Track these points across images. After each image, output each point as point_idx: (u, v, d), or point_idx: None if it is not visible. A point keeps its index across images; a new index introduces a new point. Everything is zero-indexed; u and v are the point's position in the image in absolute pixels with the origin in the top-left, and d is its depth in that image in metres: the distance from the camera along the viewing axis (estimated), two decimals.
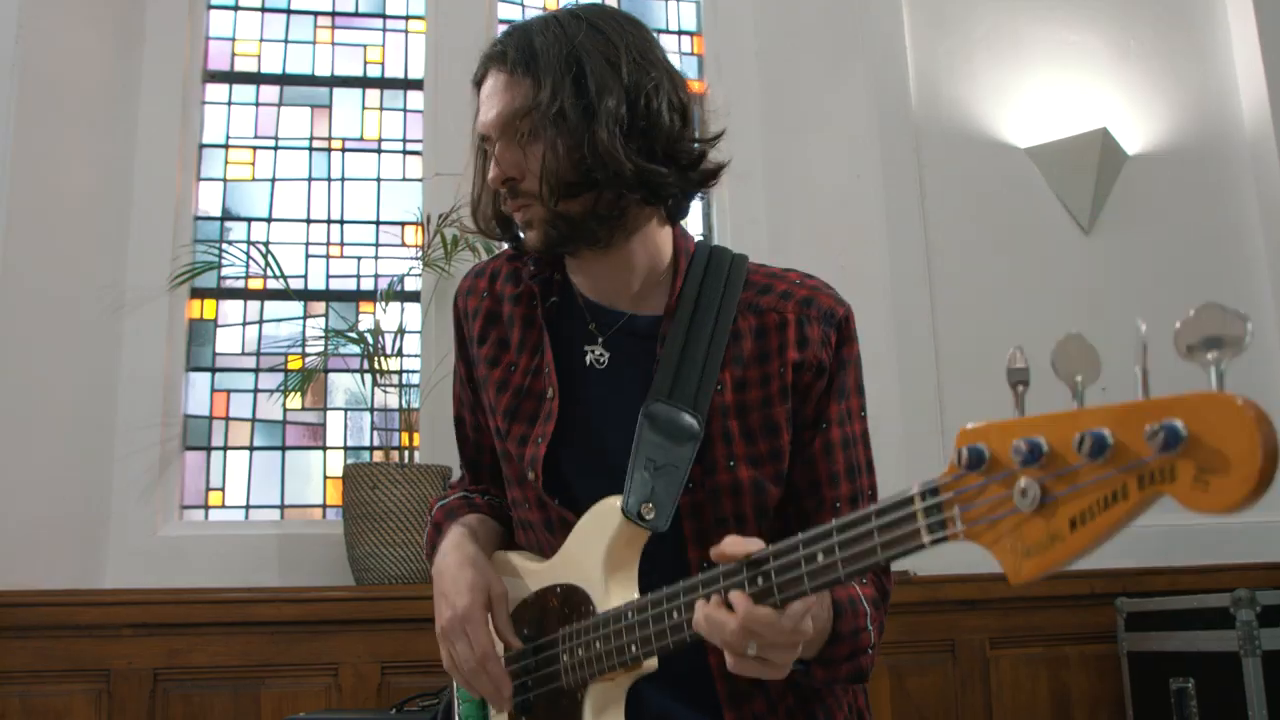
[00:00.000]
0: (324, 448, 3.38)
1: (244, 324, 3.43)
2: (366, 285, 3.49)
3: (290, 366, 3.34)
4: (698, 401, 1.27)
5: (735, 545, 1.04)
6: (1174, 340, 0.66)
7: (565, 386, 1.36)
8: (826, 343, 1.33)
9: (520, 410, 1.37)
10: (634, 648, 1.14)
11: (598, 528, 1.25)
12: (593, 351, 1.36)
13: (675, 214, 1.39)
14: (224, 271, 3.39)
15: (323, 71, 3.65)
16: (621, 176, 1.25)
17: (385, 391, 3.32)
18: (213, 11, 3.61)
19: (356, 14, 3.73)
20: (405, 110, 3.66)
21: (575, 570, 1.27)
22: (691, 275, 1.36)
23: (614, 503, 1.23)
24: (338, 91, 3.64)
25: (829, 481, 1.31)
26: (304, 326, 3.43)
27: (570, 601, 1.26)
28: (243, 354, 3.40)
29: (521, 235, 1.35)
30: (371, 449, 3.37)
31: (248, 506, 3.31)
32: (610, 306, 1.38)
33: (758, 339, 1.32)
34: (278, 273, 3.24)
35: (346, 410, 3.42)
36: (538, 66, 1.26)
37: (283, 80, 3.62)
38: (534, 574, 1.34)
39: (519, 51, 1.27)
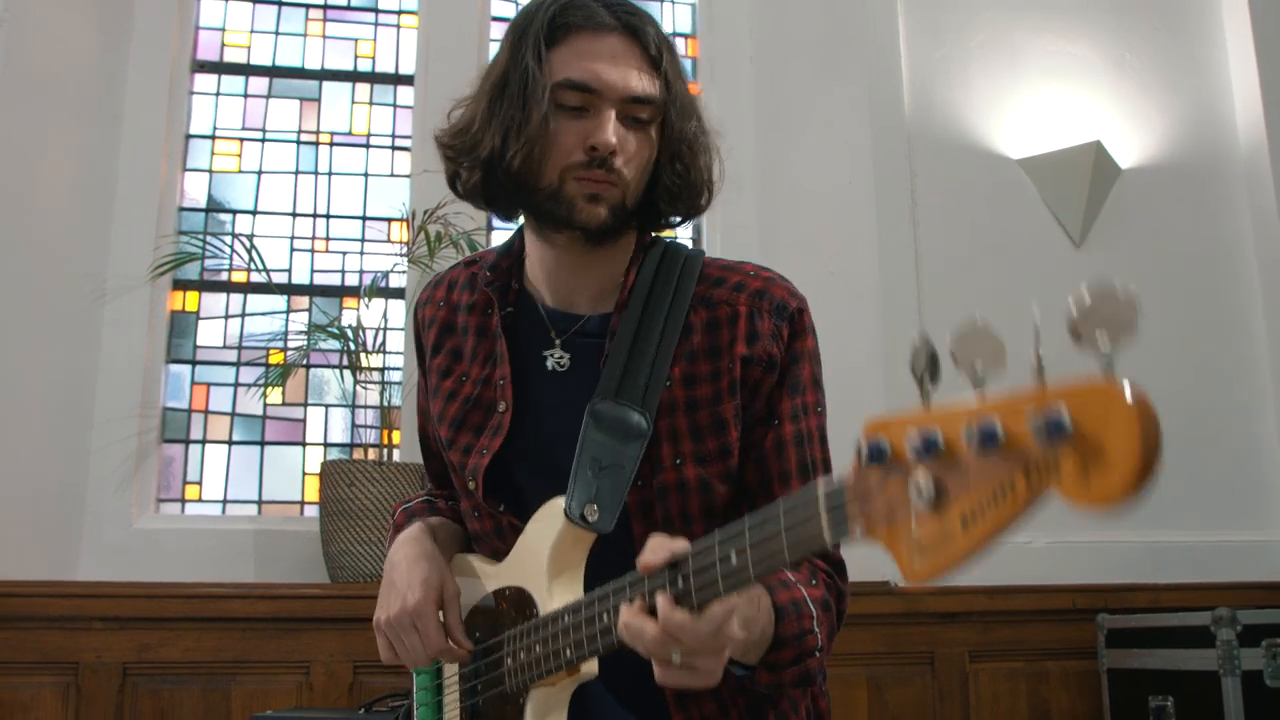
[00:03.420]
0: (304, 444, 3.35)
1: (226, 317, 3.40)
2: (351, 281, 3.46)
3: (271, 361, 3.31)
4: (646, 399, 1.24)
5: (658, 551, 1.00)
6: (1067, 326, 0.62)
7: (522, 396, 1.32)
8: (778, 336, 1.29)
9: (467, 421, 1.34)
10: (569, 651, 1.12)
11: (543, 530, 1.23)
12: (553, 355, 1.33)
13: None
14: (207, 264, 3.36)
15: (313, 64, 3.63)
16: (687, 192, 1.31)
17: (365, 388, 3.29)
18: (203, 1, 3.59)
19: (348, 8, 3.71)
20: (395, 106, 3.64)
21: (522, 573, 1.25)
22: (644, 270, 1.33)
23: (558, 504, 1.20)
24: (327, 85, 3.62)
25: (780, 479, 1.27)
26: (286, 321, 3.40)
27: (517, 604, 1.25)
28: (224, 347, 3.37)
29: (575, 207, 1.26)
30: (352, 446, 3.34)
31: (225, 501, 3.28)
32: (568, 310, 1.35)
33: (708, 333, 1.30)
34: (261, 266, 3.21)
35: (327, 406, 3.39)
36: (674, 65, 1.28)
37: (272, 72, 3.60)
38: (489, 576, 1.32)
39: (660, 41, 1.27)
